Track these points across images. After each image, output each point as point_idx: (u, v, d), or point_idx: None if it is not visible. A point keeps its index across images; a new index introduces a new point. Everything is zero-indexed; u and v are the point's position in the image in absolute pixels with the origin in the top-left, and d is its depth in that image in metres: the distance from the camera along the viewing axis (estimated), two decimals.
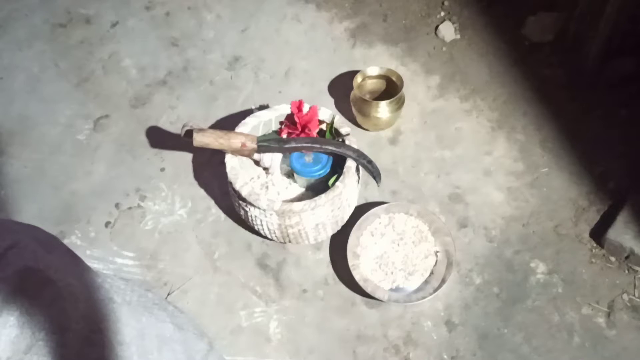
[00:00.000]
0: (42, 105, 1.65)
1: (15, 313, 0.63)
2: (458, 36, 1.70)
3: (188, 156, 1.52)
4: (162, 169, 1.50)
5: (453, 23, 1.71)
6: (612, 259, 1.32)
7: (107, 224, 1.42)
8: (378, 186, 1.33)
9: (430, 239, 1.35)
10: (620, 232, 1.31)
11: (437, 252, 1.33)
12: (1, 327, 0.62)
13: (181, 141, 1.25)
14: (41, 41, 1.79)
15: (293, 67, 1.68)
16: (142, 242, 1.39)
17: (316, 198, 1.19)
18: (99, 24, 1.81)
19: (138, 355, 0.77)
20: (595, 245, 1.34)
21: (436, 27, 1.71)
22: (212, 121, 1.58)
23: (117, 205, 1.44)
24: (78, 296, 0.71)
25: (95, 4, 1.86)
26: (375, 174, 1.29)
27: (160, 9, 1.83)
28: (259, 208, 1.20)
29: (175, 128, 1.57)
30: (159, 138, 1.56)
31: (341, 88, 1.60)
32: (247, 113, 1.35)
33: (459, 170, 1.47)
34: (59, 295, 0.68)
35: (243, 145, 1.20)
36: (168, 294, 1.31)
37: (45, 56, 1.75)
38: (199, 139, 1.18)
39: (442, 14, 1.74)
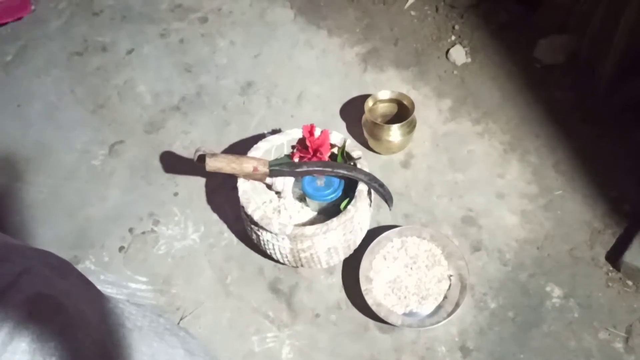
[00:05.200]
0: (58, 132, 1.67)
1: (27, 339, 0.63)
2: (469, 60, 1.70)
3: (201, 181, 1.53)
4: (176, 194, 1.51)
5: (464, 47, 1.72)
6: (629, 282, 1.29)
7: (120, 249, 1.43)
8: (390, 210, 1.32)
9: (444, 262, 1.33)
10: (637, 255, 1.29)
11: (451, 276, 1.32)
12: (12, 354, 0.62)
13: (194, 166, 1.26)
14: (58, 69, 1.82)
15: (305, 92, 1.69)
16: (155, 267, 1.40)
17: (328, 222, 1.19)
18: (115, 52, 1.85)
19: None
20: (611, 268, 1.32)
21: (447, 51, 1.72)
22: (225, 146, 1.59)
23: (130, 230, 1.45)
24: (90, 322, 0.71)
25: (111, 32, 1.90)
26: (387, 197, 1.29)
27: (174, 36, 1.87)
28: (271, 232, 1.21)
29: (189, 153, 1.58)
30: (172, 163, 1.58)
31: (353, 112, 1.61)
32: (259, 138, 1.36)
33: (471, 193, 1.46)
34: (70, 322, 0.68)
35: (255, 169, 1.21)
36: (180, 319, 1.31)
37: (62, 83, 1.79)
38: (211, 164, 1.19)
39: (453, 37, 1.75)
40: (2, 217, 1.50)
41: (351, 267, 1.34)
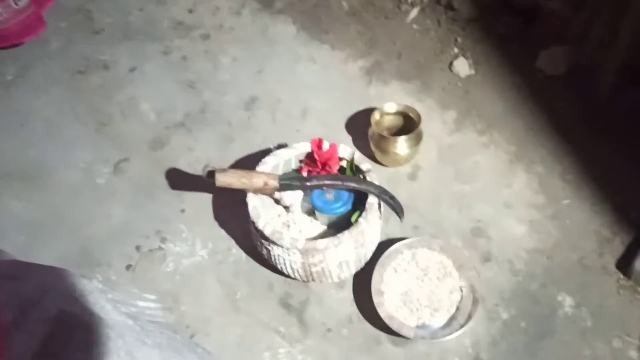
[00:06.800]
0: (60, 150, 1.66)
1: (51, 358, 0.62)
2: (473, 72, 1.72)
3: (208, 197, 1.52)
4: (182, 210, 1.51)
5: (467, 59, 1.73)
6: None
7: (128, 267, 1.41)
8: (401, 222, 1.32)
9: (455, 274, 1.33)
10: None
11: (462, 287, 1.31)
12: None
13: (200, 182, 1.25)
14: (60, 87, 1.82)
15: (309, 107, 1.70)
16: (163, 284, 1.38)
17: (339, 235, 1.18)
18: (117, 70, 1.85)
19: None
20: (622, 276, 1.32)
21: (450, 63, 1.73)
22: (231, 162, 1.58)
23: (137, 248, 1.44)
24: (111, 339, 0.70)
25: (113, 50, 1.90)
26: (397, 209, 1.28)
27: (177, 54, 1.87)
28: (281, 247, 1.20)
29: (194, 169, 1.58)
30: (178, 180, 1.57)
31: (358, 126, 1.61)
32: (265, 153, 1.36)
33: (479, 204, 1.46)
34: (92, 338, 0.67)
35: (265, 184, 1.21)
36: (191, 337, 1.30)
37: (64, 102, 1.78)
38: (221, 179, 1.19)
39: (456, 50, 1.76)
40: (5, 237, 1.48)
41: (362, 281, 1.33)
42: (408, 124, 1.52)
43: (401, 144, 1.47)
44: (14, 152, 1.66)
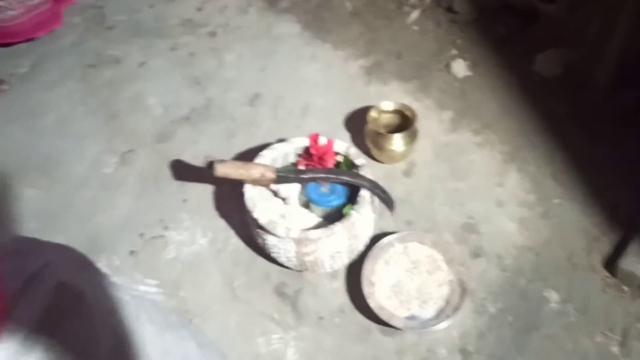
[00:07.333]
0: (70, 141, 1.73)
1: (53, 325, 0.67)
2: (470, 73, 1.76)
3: (209, 189, 1.58)
4: (185, 201, 1.56)
5: (465, 60, 1.77)
6: (625, 288, 1.33)
7: (131, 253, 1.47)
8: (392, 215, 1.37)
9: (445, 267, 1.37)
10: (632, 261, 1.32)
11: (452, 280, 1.35)
12: (37, 339, 0.66)
13: (203, 174, 1.30)
14: (72, 81, 1.89)
15: (310, 104, 1.75)
16: (164, 271, 1.44)
17: (332, 226, 1.23)
18: (127, 64, 1.91)
19: None
20: (608, 274, 1.36)
21: (448, 64, 1.77)
22: (233, 155, 1.64)
23: (141, 235, 1.50)
24: (107, 312, 0.76)
25: (124, 45, 1.96)
26: (388, 203, 1.33)
27: (184, 50, 1.93)
28: (276, 236, 1.25)
29: (198, 162, 1.63)
30: (182, 171, 1.63)
31: (357, 123, 1.66)
32: (266, 147, 1.41)
33: (472, 201, 1.50)
34: (90, 310, 0.72)
35: (262, 175, 1.26)
36: (189, 322, 1.35)
37: (76, 95, 1.85)
38: (220, 170, 1.24)
39: (454, 51, 1.81)
40: (12, 227, 1.54)
41: (355, 272, 1.38)
42: (404, 122, 1.57)
43: (397, 141, 1.51)
44: (28, 143, 1.73)
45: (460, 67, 1.75)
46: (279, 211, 1.42)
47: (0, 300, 0.64)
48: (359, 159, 1.37)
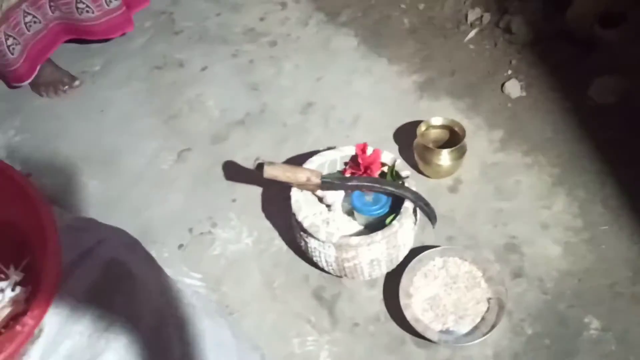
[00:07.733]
0: (132, 138, 1.82)
1: (101, 297, 0.73)
2: (524, 94, 1.75)
3: (258, 190, 1.63)
4: (234, 200, 1.62)
5: (519, 81, 1.77)
6: None
7: (179, 247, 1.54)
8: (433, 227, 1.38)
9: (484, 285, 1.37)
10: None
11: (490, 299, 1.35)
12: (86, 308, 0.72)
13: (253, 176, 1.35)
14: (138, 81, 1.99)
15: (361, 115, 1.78)
16: (209, 266, 1.50)
17: (372, 234, 1.26)
18: (190, 68, 2.01)
19: (196, 355, 0.85)
20: None
21: (502, 84, 1.78)
22: (282, 159, 1.69)
23: (190, 230, 1.57)
24: (152, 291, 0.81)
25: (189, 50, 2.06)
26: (431, 215, 1.35)
27: (245, 57, 2.01)
28: (318, 240, 1.29)
29: (249, 164, 1.70)
30: (233, 172, 1.69)
31: (405, 137, 1.68)
32: (315, 154, 1.46)
33: (516, 222, 1.50)
34: (136, 287, 0.78)
35: (308, 179, 1.30)
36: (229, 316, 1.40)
37: (140, 94, 1.95)
38: (268, 171, 1.29)
39: (509, 72, 1.81)
40: (75, 212, 1.64)
41: (392, 282, 1.39)
42: (453, 138, 1.58)
43: (444, 156, 1.52)
44: (93, 137, 1.84)
45: (514, 88, 1.75)
46: (323, 217, 1.46)
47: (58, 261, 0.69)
48: (405, 171, 1.39)
